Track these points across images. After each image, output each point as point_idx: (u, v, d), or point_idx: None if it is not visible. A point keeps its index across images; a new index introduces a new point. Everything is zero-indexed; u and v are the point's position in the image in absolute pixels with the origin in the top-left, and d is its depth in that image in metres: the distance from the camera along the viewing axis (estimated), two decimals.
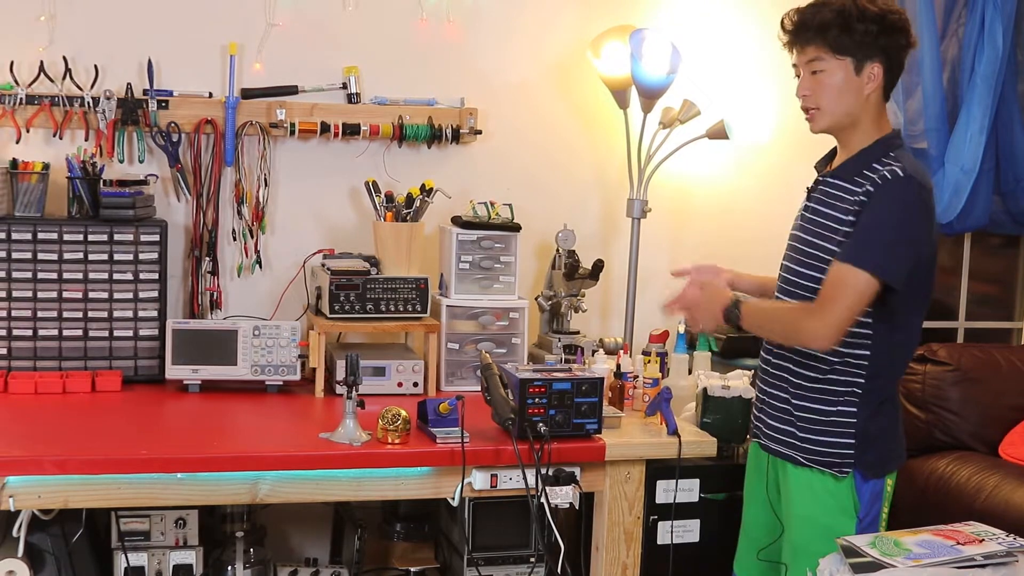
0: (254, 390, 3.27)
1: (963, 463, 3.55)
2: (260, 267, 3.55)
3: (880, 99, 2.62)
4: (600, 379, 2.90)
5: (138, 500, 2.76)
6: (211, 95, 3.45)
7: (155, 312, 3.29)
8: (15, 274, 3.19)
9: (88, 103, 3.34)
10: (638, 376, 3.26)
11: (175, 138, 3.41)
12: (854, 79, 2.58)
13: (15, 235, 3.18)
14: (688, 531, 3.09)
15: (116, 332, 3.27)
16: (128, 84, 3.37)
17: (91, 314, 3.25)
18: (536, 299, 3.59)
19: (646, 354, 3.32)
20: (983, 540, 2.32)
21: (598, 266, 3.52)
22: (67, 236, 3.21)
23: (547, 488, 2.78)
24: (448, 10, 3.62)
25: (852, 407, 2.60)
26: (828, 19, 2.56)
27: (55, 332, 3.23)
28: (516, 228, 3.47)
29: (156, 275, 3.28)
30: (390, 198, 3.44)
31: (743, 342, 3.52)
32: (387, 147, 3.61)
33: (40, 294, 3.21)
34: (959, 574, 2.22)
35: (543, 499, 2.78)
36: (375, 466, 2.78)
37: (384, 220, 3.42)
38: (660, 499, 3.04)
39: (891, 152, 2.58)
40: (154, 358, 3.29)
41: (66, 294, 3.23)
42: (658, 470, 3.02)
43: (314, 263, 3.52)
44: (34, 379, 3.14)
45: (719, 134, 3.61)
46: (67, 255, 3.22)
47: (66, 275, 3.22)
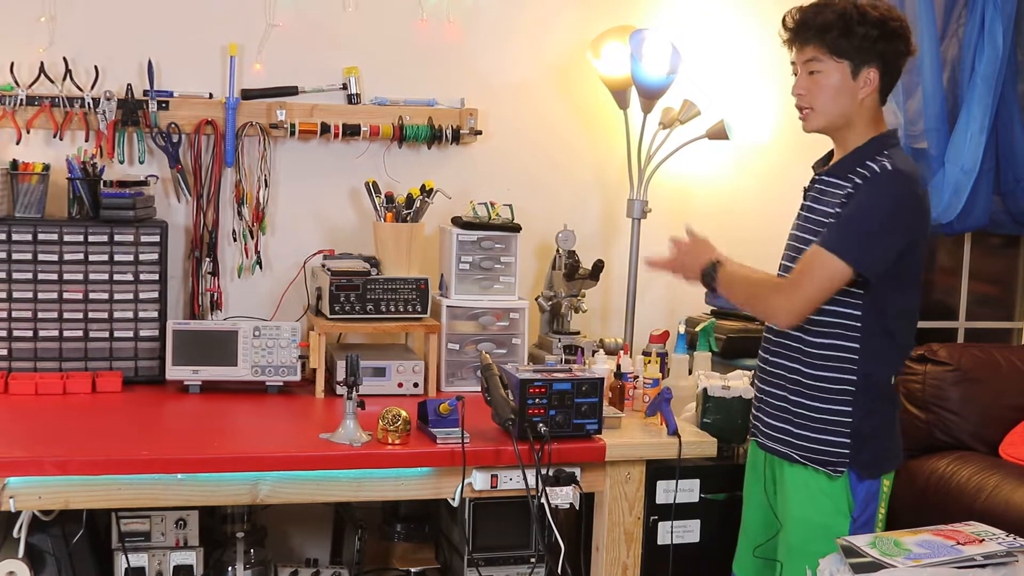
0: (254, 391, 3.27)
1: (963, 463, 3.55)
2: (260, 268, 3.55)
3: (876, 102, 2.63)
4: (600, 379, 2.90)
5: (138, 501, 2.76)
6: (211, 96, 3.45)
7: (155, 313, 3.29)
8: (15, 275, 3.19)
9: (88, 104, 3.34)
10: (638, 376, 3.26)
11: (175, 139, 3.41)
12: (850, 82, 2.58)
13: (15, 236, 3.19)
14: (688, 531, 3.09)
15: (116, 333, 3.27)
16: (128, 85, 3.37)
17: (91, 315, 3.25)
18: (536, 299, 3.59)
19: (646, 354, 3.31)
20: (983, 540, 2.32)
21: (598, 266, 3.52)
22: (67, 237, 3.22)
23: (547, 488, 2.79)
24: (448, 10, 3.62)
25: (846, 405, 2.61)
26: (829, 21, 2.56)
27: (55, 333, 3.23)
28: (516, 228, 3.47)
29: (156, 276, 3.28)
30: (390, 199, 3.44)
31: (743, 342, 3.51)
32: (387, 148, 3.61)
33: (40, 295, 3.21)
34: (959, 574, 2.22)
35: (543, 499, 2.78)
36: (375, 467, 2.79)
37: (384, 221, 3.42)
38: (660, 499, 3.04)
39: (885, 150, 2.59)
40: (154, 359, 3.29)
41: (66, 295, 3.23)
42: (658, 470, 3.02)
43: (314, 264, 3.52)
44: (34, 380, 3.14)
45: (719, 134, 3.61)
46: (67, 256, 3.22)
47: (66, 276, 3.22)
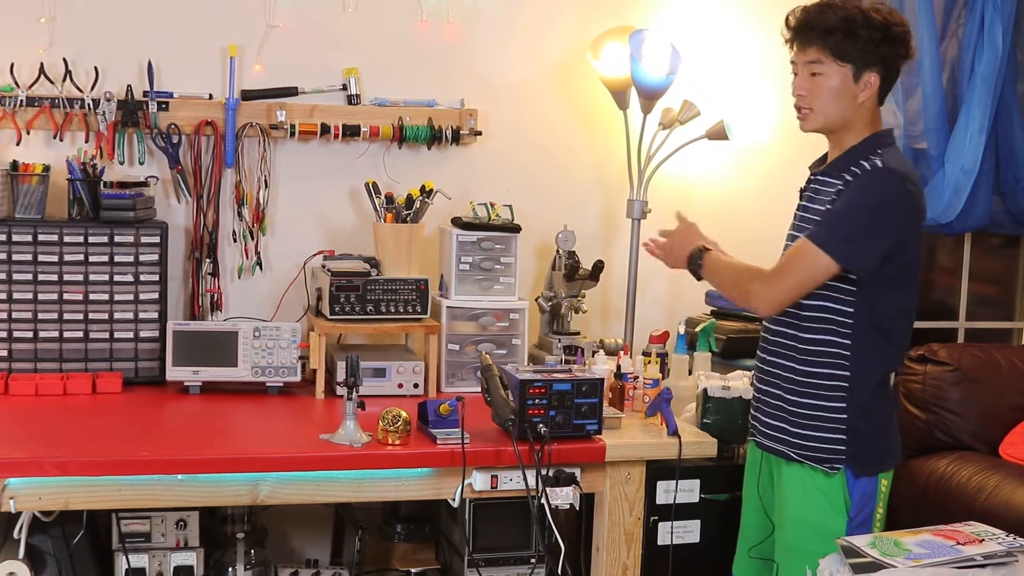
0: (255, 391, 3.27)
1: (963, 463, 3.55)
2: (260, 268, 3.55)
3: (875, 104, 2.64)
4: (600, 380, 2.90)
5: (139, 501, 2.76)
6: (211, 97, 3.45)
7: (156, 314, 3.29)
8: (16, 276, 3.19)
9: (88, 105, 3.34)
10: (638, 377, 3.26)
11: (175, 140, 3.41)
12: (851, 85, 2.59)
13: (15, 237, 3.19)
14: (688, 532, 3.09)
15: (117, 334, 3.27)
16: (128, 86, 3.37)
17: (92, 316, 3.25)
18: (536, 300, 3.59)
19: (646, 355, 3.31)
20: (983, 540, 2.32)
21: (598, 267, 3.52)
22: (67, 238, 3.22)
23: (547, 489, 2.79)
24: (448, 11, 3.62)
25: (840, 402, 2.62)
26: (834, 24, 2.56)
27: (56, 334, 3.23)
28: (516, 229, 3.47)
29: (157, 277, 3.28)
30: (390, 199, 3.44)
31: (743, 343, 3.51)
32: (387, 148, 3.61)
33: (41, 296, 3.21)
34: (959, 574, 2.23)
35: (543, 500, 2.78)
36: (375, 467, 2.79)
37: (384, 221, 3.42)
38: (660, 500, 3.04)
39: (878, 149, 2.59)
40: (155, 360, 3.29)
41: (67, 296, 3.23)
42: (658, 471, 3.02)
43: (314, 264, 3.51)
44: (35, 381, 3.15)
45: (719, 135, 3.61)
46: (68, 257, 3.22)
47: (67, 277, 3.22)
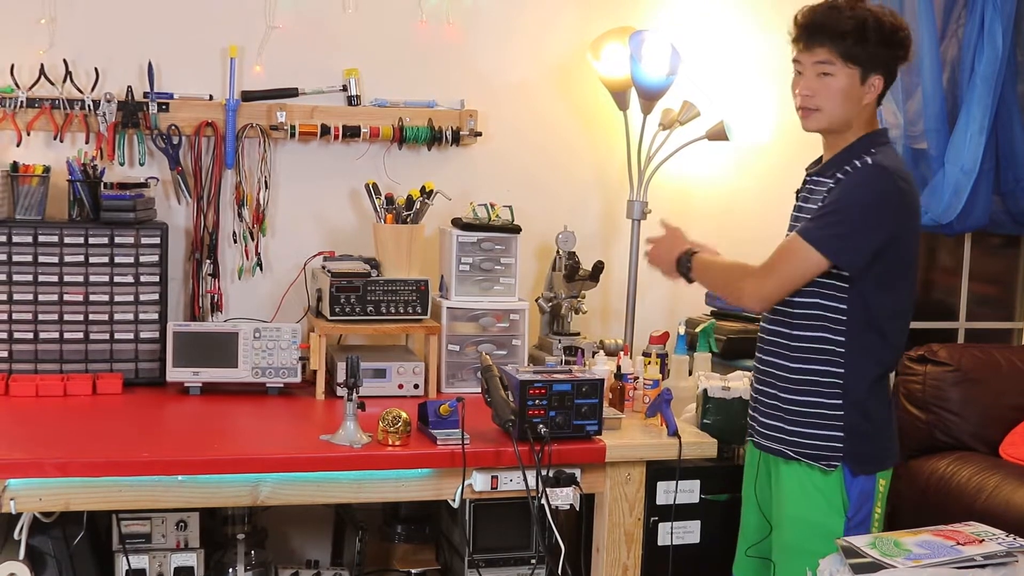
0: (255, 392, 3.27)
1: (963, 463, 3.55)
2: (260, 269, 3.56)
3: (874, 105, 2.66)
4: (600, 380, 2.90)
5: (139, 502, 2.76)
6: (211, 98, 3.45)
7: (156, 315, 3.29)
8: (16, 277, 3.19)
9: (88, 106, 3.34)
10: (638, 377, 3.27)
11: (175, 141, 3.42)
12: (858, 88, 2.60)
13: (16, 238, 3.19)
14: (689, 532, 3.09)
15: (117, 335, 3.27)
16: (128, 87, 3.37)
17: (92, 317, 3.25)
18: (536, 301, 3.59)
19: (646, 355, 3.31)
20: (983, 540, 2.33)
21: (598, 268, 3.52)
22: (68, 239, 3.22)
23: (547, 490, 2.79)
24: (448, 11, 3.63)
25: (835, 399, 2.62)
26: (846, 27, 2.57)
27: (56, 335, 3.23)
28: (516, 230, 3.47)
29: (157, 278, 3.28)
30: (390, 200, 3.44)
31: (743, 343, 3.51)
32: (387, 149, 3.61)
33: (41, 297, 3.21)
34: (959, 574, 2.23)
35: (543, 501, 2.78)
36: (376, 468, 2.79)
37: (384, 222, 3.42)
38: (660, 500, 3.04)
39: (872, 148, 2.61)
40: (155, 361, 3.29)
41: (67, 297, 3.23)
42: (658, 471, 3.02)
43: (314, 265, 3.51)
44: (35, 382, 3.15)
45: (719, 135, 3.61)
46: (68, 258, 3.22)
47: (67, 278, 3.22)
